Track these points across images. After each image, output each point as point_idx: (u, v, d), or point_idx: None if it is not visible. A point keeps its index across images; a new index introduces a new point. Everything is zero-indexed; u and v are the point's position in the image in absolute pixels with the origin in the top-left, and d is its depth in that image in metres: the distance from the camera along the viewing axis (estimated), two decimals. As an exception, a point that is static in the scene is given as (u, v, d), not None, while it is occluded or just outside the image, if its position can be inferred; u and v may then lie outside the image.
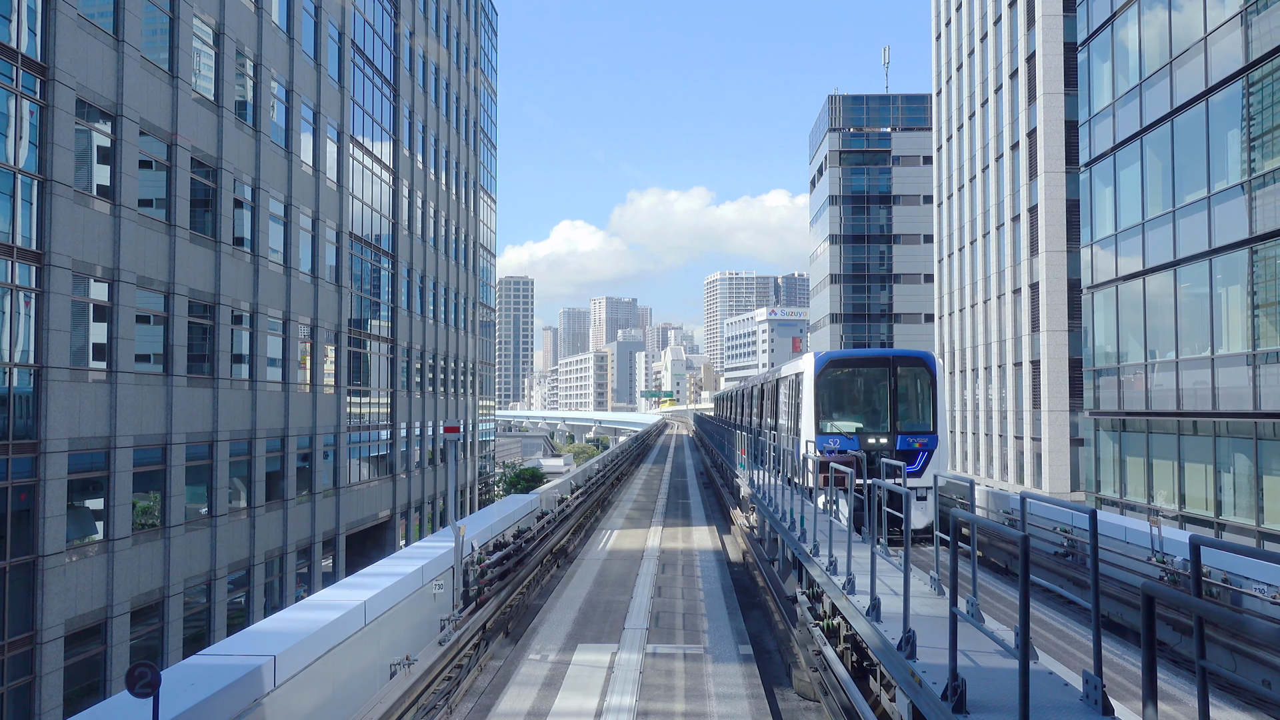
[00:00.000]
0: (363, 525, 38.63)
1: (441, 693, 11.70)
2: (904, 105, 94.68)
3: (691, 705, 11.03)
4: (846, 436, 20.16)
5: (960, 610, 6.66)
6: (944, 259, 65.07)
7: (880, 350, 24.43)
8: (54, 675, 19.70)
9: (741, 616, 15.86)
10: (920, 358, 20.92)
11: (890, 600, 9.08)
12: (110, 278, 22.11)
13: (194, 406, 25.57)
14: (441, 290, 52.24)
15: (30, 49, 19.69)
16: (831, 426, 20.51)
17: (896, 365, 20.76)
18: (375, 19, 42.05)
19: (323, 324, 34.47)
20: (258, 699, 8.26)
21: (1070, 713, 6.04)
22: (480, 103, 63.70)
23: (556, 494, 28.71)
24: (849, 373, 21.47)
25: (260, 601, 29.03)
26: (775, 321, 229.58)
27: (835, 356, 21.36)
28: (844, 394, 21.28)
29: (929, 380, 20.73)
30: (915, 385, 20.79)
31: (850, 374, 21.47)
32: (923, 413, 20.70)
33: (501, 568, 16.75)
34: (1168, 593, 4.92)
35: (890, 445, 20.22)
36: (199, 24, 26.39)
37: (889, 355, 21.21)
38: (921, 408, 20.76)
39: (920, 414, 20.71)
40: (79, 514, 21.18)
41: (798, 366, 22.36)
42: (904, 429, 20.38)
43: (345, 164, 37.32)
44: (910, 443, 20.26)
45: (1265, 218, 21.55)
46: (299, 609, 11.06)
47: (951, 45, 63.66)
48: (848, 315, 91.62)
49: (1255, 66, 21.95)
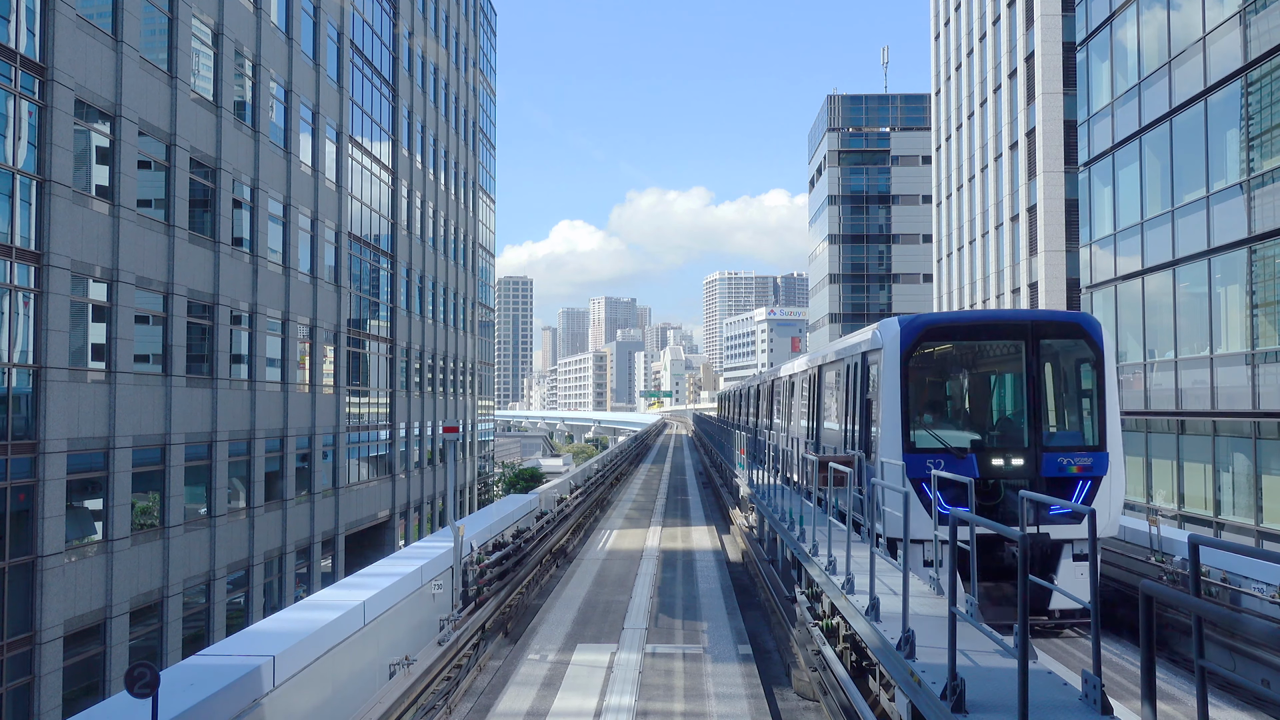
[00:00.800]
0: (362, 525, 38.62)
1: (441, 693, 11.70)
2: (903, 105, 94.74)
3: (691, 705, 11.03)
4: (956, 455, 12.49)
5: (959, 610, 6.66)
6: (943, 259, 65.09)
7: (1008, 313, 16.65)
8: (53, 675, 19.69)
9: (741, 616, 15.86)
10: (1076, 322, 13.13)
11: (889, 600, 9.08)
12: (109, 278, 22.10)
13: (193, 407, 25.55)
14: (440, 290, 52.23)
15: (29, 49, 19.67)
16: (931, 439, 12.82)
17: (1038, 335, 12.83)
18: (374, 19, 42.04)
19: (322, 324, 34.46)
20: (257, 699, 8.26)
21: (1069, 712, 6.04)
22: (479, 103, 63.69)
23: (555, 494, 28.71)
24: (958, 350, 13.65)
25: (259, 602, 29.02)
26: (774, 321, 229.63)
27: (934, 322, 13.37)
28: (949, 385, 14.00)
29: (1093, 360, 12.92)
30: (1070, 369, 13.39)
31: (960, 352, 13.68)
32: (1084, 414, 13.17)
33: (500, 568, 16.74)
34: (1167, 592, 4.93)
35: (1031, 469, 12.53)
36: (198, 24, 26.38)
37: (1025, 319, 13.22)
38: (1082, 406, 13.27)
39: (1079, 416, 13.24)
40: (78, 514, 21.16)
41: (859, 343, 14.68)
42: (1053, 443, 12.75)
43: (344, 164, 37.31)
44: (1064, 464, 12.57)
45: (1264, 217, 21.57)
46: (298, 609, 11.05)
47: (950, 45, 63.68)
48: (847, 315, 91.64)
49: (1254, 66, 21.96)
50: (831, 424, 16.54)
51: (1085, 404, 13.20)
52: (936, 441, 12.70)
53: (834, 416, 16.42)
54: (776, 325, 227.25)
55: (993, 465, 12.57)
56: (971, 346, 13.70)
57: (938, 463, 12.17)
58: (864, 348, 14.08)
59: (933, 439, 12.76)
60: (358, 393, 38.82)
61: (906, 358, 12.81)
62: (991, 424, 13.59)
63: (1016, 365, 13.00)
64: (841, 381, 15.58)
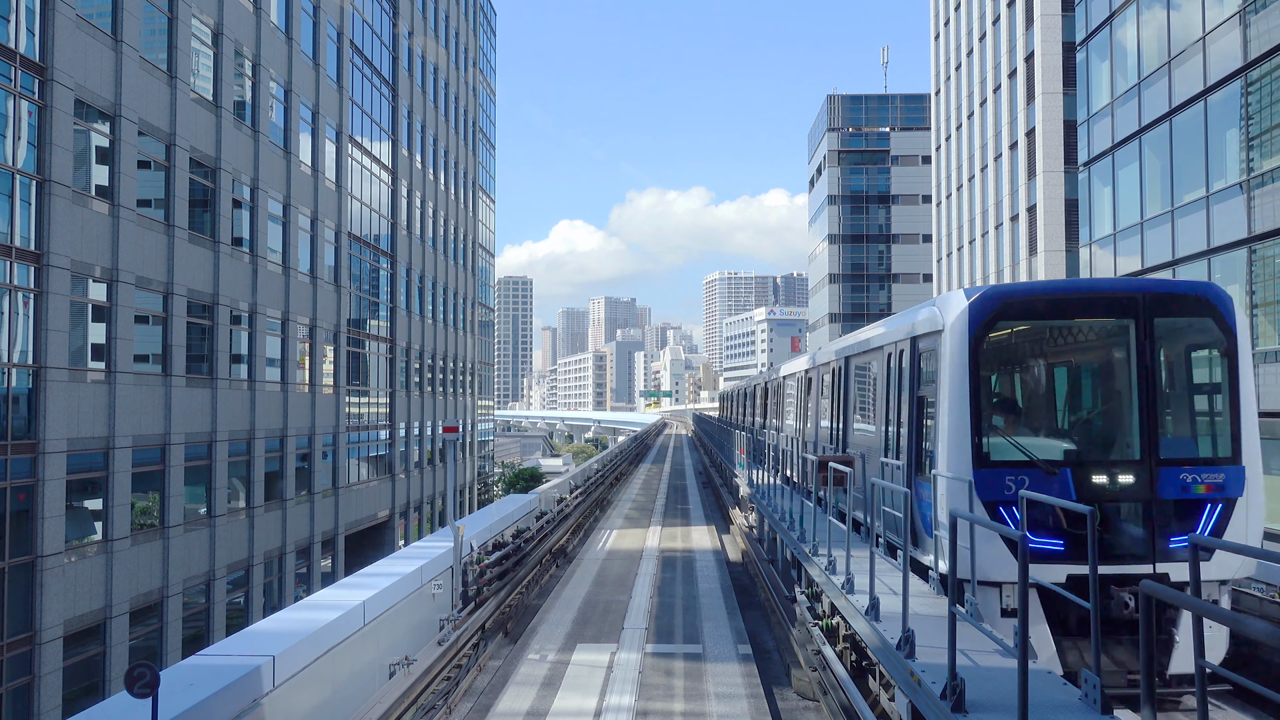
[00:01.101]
0: (361, 525, 38.62)
1: (440, 693, 11.70)
2: (903, 105, 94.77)
3: (691, 705, 11.03)
4: (1045, 471, 9.49)
5: (959, 610, 6.66)
6: (943, 259, 65.09)
7: (1109, 283, 10.42)
8: (53, 675, 19.69)
9: (740, 616, 15.87)
10: (1200, 295, 9.94)
11: (889, 600, 9.07)
12: (109, 278, 22.10)
13: (193, 407, 25.55)
14: (440, 290, 52.23)
15: (29, 49, 19.67)
16: (1011, 449, 9.76)
17: (1153, 310, 9.80)
18: (374, 19, 42.03)
19: (321, 324, 34.45)
20: (257, 699, 8.26)
21: (1069, 712, 6.04)
22: (479, 102, 63.69)
23: (555, 494, 28.71)
24: (1042, 331, 10.42)
25: (259, 602, 29.02)
26: (774, 321, 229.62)
27: (1013, 294, 10.15)
28: (1031, 378, 10.62)
29: (1223, 344, 9.87)
30: (1193, 357, 10.25)
31: (1046, 334, 10.47)
32: (1212, 417, 10.13)
33: (500, 568, 16.75)
34: (1166, 592, 4.93)
35: (1144, 488, 9.51)
36: (197, 24, 26.37)
37: (1134, 290, 9.91)
38: (1209, 405, 10.23)
39: (1207, 419, 10.18)
40: (78, 514, 21.16)
41: (905, 326, 11.58)
42: (1173, 454, 9.69)
43: (344, 164, 37.31)
44: (1188, 482, 9.57)
45: (1264, 217, 21.57)
46: (298, 609, 11.06)
47: (950, 45, 63.68)
48: (847, 315, 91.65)
49: (1254, 66, 21.97)
50: (863, 428, 13.79)
51: (1213, 403, 10.08)
52: (1020, 452, 9.62)
53: (866, 419, 13.72)
54: (776, 325, 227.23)
55: (1093, 484, 9.48)
56: (1062, 328, 10.37)
57: (1020, 480, 9.42)
58: (915, 331, 11.06)
59: (1014, 449, 9.67)
60: (357, 393, 38.82)
61: (978, 341, 9.78)
62: (1091, 429, 10.28)
63: (1123, 351, 9.90)
64: (877, 376, 12.94)
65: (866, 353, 13.71)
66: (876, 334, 13.30)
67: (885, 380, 12.35)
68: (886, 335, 12.50)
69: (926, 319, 10.73)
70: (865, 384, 14.04)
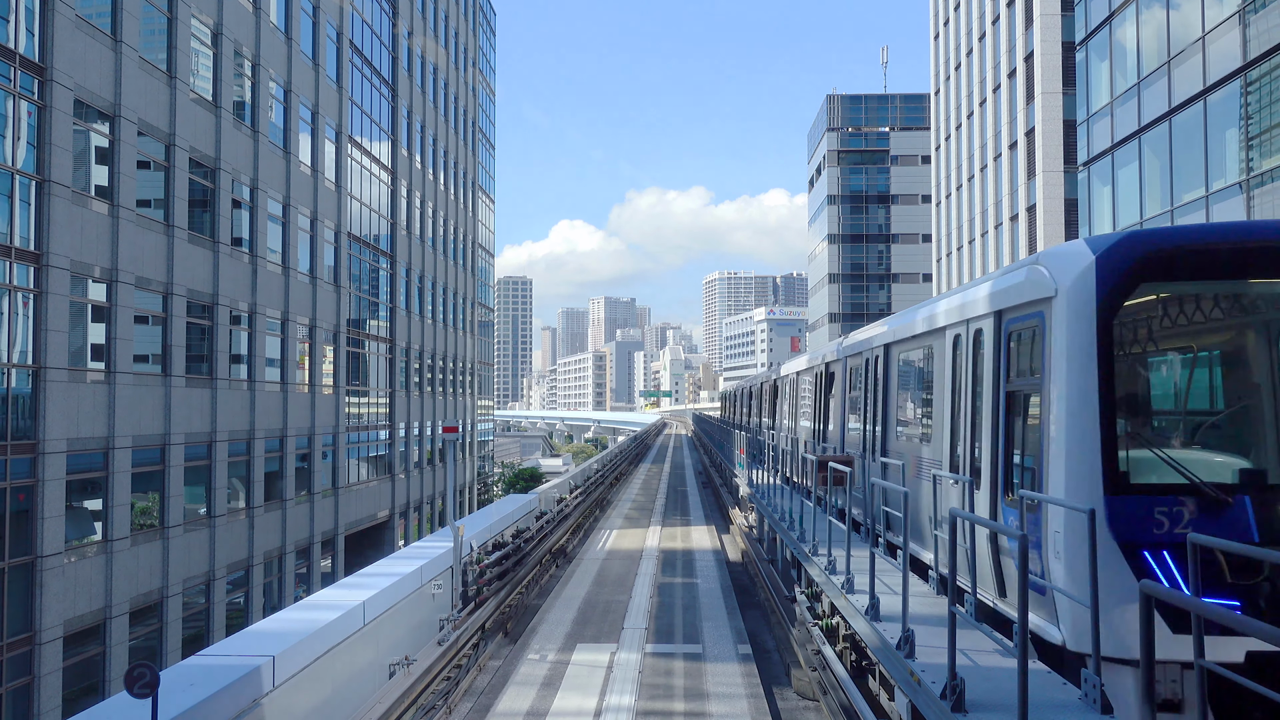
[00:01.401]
0: (361, 525, 38.62)
1: (440, 693, 11.70)
2: (902, 105, 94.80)
3: (691, 705, 11.03)
4: (1214, 500, 6.61)
5: (959, 609, 6.66)
6: (942, 258, 65.10)
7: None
8: (53, 676, 19.68)
9: (740, 616, 15.87)
10: None
11: (889, 599, 9.07)
12: (108, 278, 22.10)
13: (192, 407, 25.55)
14: (440, 290, 52.23)
15: (28, 49, 19.67)
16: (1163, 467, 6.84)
17: None
18: (373, 19, 42.03)
19: (321, 324, 34.46)
20: (256, 699, 8.26)
21: (1069, 712, 6.04)
22: (478, 102, 63.69)
23: (555, 494, 28.72)
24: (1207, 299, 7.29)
25: (259, 602, 29.02)
26: (774, 321, 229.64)
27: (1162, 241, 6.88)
28: (1189, 368, 7.83)
29: None
30: None
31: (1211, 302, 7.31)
32: None
33: (500, 568, 16.75)
34: (1166, 591, 4.93)
35: None
36: (197, 24, 26.37)
37: None
38: None
39: None
40: (78, 514, 21.16)
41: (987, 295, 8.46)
42: None
43: (343, 164, 37.31)
44: None
45: (1263, 216, 21.58)
46: (298, 609, 11.06)
47: (950, 45, 63.69)
48: (846, 315, 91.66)
49: (1253, 65, 21.97)
50: (909, 432, 11.16)
51: None
52: (1175, 473, 6.75)
53: (913, 421, 11.11)
54: (776, 325, 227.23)
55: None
56: (1235, 293, 7.21)
57: (1176, 512, 6.60)
58: (1004, 302, 8.00)
59: (1167, 468, 6.81)
60: (357, 393, 38.82)
61: (1111, 312, 6.79)
62: (1271, 440, 7.03)
63: None
64: (935, 367, 9.97)
65: (915, 337, 10.84)
66: (935, 312, 10.13)
67: (947, 372, 9.48)
68: (955, 311, 9.35)
69: (1025, 284, 7.60)
70: (911, 378, 11.26)
